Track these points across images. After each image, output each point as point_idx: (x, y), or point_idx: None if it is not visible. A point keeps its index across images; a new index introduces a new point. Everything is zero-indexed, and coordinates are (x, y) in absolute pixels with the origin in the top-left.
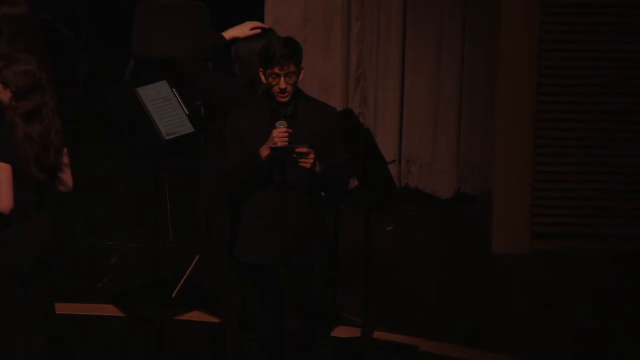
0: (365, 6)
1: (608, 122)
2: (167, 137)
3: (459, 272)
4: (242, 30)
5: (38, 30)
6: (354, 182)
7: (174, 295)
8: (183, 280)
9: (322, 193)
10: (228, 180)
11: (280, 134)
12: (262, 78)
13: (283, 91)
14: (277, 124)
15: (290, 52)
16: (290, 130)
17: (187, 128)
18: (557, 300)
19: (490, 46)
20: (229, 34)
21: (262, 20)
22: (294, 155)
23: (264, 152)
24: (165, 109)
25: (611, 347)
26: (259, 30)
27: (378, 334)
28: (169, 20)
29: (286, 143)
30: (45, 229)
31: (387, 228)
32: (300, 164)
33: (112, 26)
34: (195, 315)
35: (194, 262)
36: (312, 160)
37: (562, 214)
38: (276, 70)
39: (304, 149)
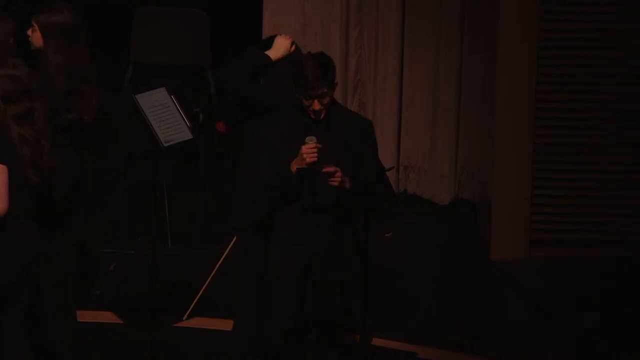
0: (363, 13)
1: (607, 129)
2: (165, 145)
3: (457, 279)
4: (285, 48)
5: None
6: None
7: (184, 317)
8: (199, 296)
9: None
10: (258, 191)
11: (309, 150)
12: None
13: (317, 113)
14: (306, 139)
15: (322, 74)
16: (319, 146)
17: (186, 135)
18: (555, 307)
19: (488, 52)
20: (274, 54)
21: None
22: (321, 175)
23: (293, 167)
24: (164, 116)
25: (609, 353)
26: (293, 45)
27: (376, 341)
28: (167, 27)
29: (315, 159)
30: (36, 234)
31: (386, 235)
32: (329, 182)
33: (111, 32)
34: (194, 323)
35: (216, 267)
36: (339, 179)
37: (561, 221)
38: (309, 92)
39: (331, 169)
